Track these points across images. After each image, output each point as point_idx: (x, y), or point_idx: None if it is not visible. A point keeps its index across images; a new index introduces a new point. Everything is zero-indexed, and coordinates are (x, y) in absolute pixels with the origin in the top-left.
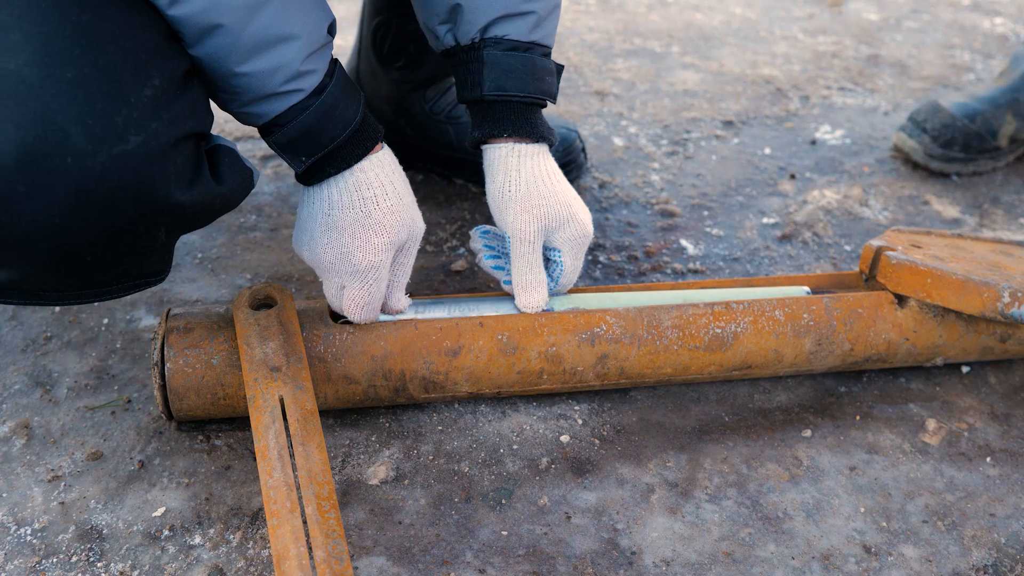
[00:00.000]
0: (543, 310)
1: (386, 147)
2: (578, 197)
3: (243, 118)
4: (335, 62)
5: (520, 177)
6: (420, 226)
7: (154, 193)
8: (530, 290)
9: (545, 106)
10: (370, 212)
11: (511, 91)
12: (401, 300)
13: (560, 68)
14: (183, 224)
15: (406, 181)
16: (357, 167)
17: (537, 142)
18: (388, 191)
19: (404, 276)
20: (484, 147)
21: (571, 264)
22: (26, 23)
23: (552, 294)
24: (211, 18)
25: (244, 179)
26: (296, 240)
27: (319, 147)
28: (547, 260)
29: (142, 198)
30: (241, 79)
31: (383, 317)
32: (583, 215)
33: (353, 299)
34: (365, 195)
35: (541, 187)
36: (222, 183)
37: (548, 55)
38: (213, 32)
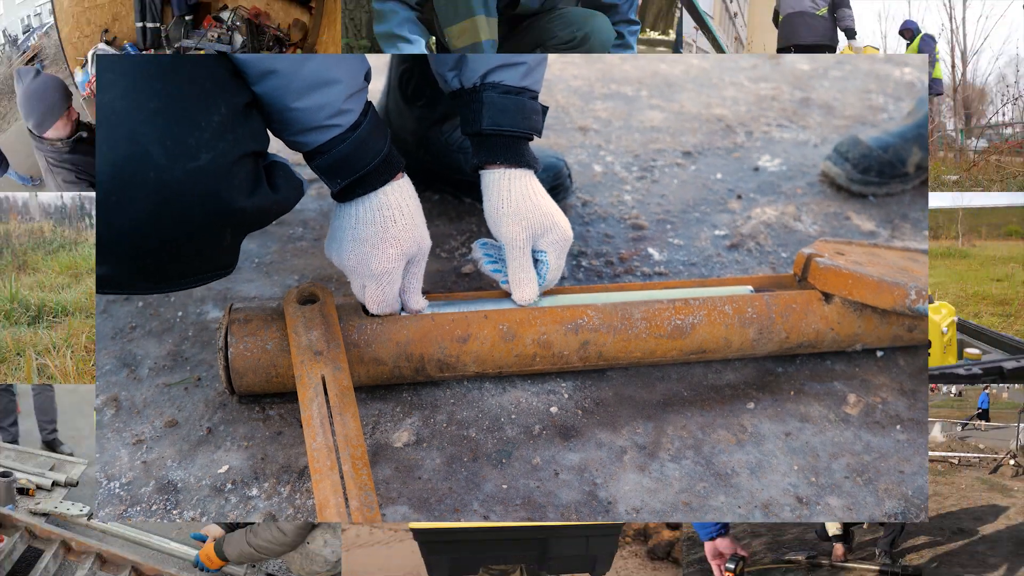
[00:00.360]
0: (535, 304)
1: (406, 176)
2: (559, 209)
3: (292, 145)
4: (369, 104)
5: (511, 196)
6: (427, 243)
7: (220, 200)
8: (523, 286)
9: (532, 139)
10: (388, 228)
11: (504, 126)
12: (419, 301)
13: (545, 109)
14: (246, 226)
15: (419, 205)
16: (381, 191)
17: (524, 168)
18: (404, 212)
19: (417, 282)
20: (481, 172)
21: (555, 263)
22: (118, 64)
23: (541, 288)
24: (268, 64)
25: (295, 188)
26: (327, 246)
27: (352, 172)
28: (536, 261)
29: (211, 205)
30: (293, 113)
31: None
32: (563, 223)
33: (372, 297)
34: (385, 214)
35: (528, 203)
36: (277, 191)
37: (536, 98)
38: (270, 75)
